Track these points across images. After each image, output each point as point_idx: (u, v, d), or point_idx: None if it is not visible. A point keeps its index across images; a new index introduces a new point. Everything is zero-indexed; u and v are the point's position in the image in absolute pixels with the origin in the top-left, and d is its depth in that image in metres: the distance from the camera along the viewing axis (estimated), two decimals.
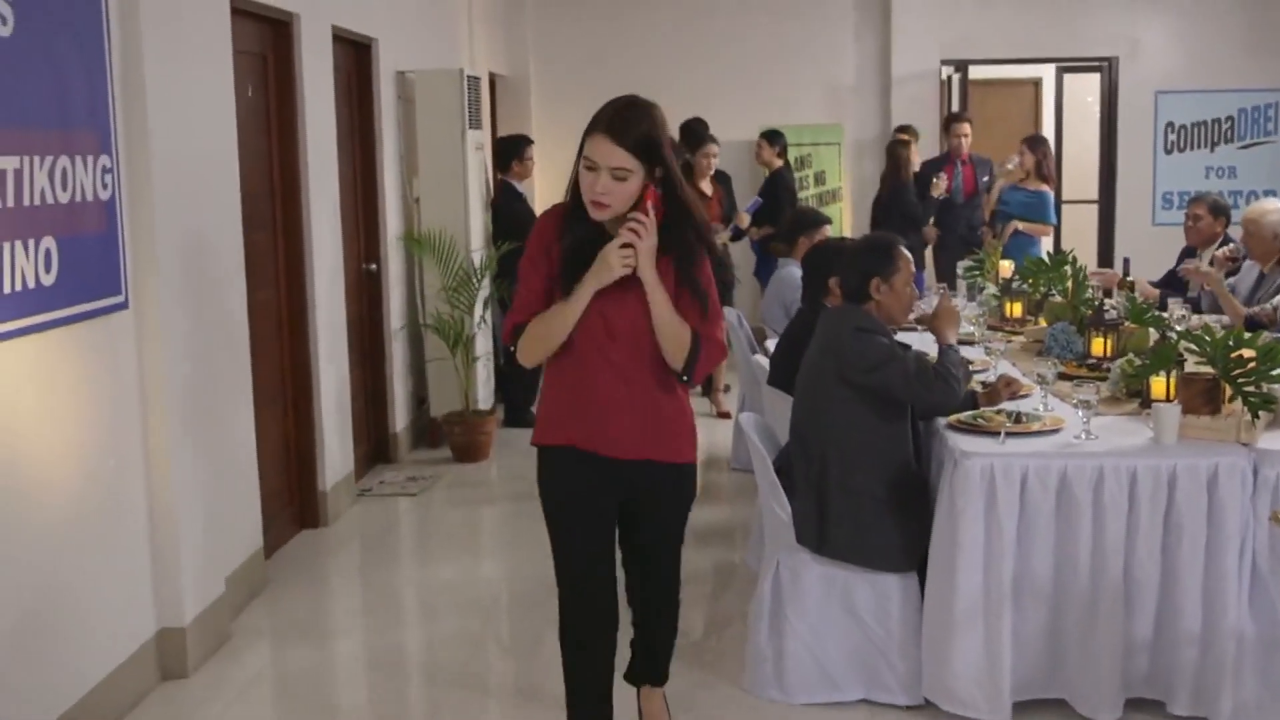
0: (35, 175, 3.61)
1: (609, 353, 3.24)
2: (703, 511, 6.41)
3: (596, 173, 3.11)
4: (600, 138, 3.10)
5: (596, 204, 3.13)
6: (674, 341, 3.22)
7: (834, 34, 11.12)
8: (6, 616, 3.55)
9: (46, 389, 3.76)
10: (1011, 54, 11.15)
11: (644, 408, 3.30)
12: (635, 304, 3.21)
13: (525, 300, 3.24)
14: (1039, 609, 3.92)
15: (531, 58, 11.22)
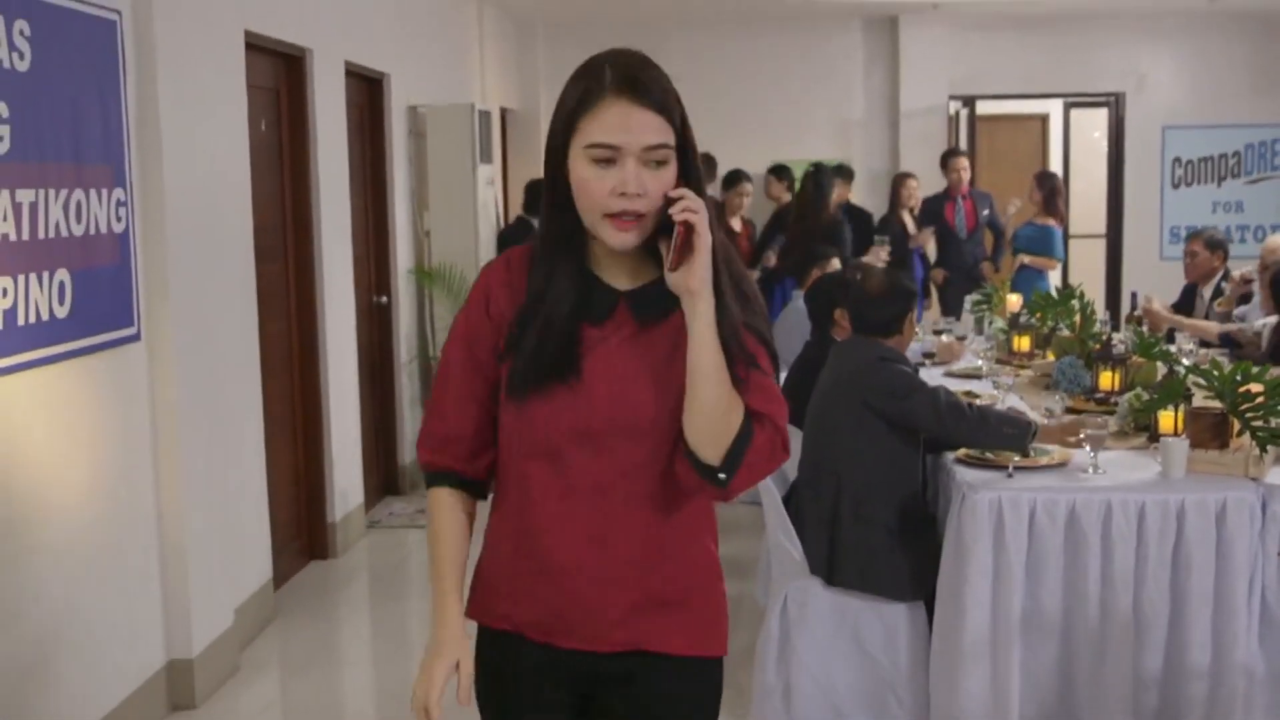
0: (50, 208, 3.64)
1: (582, 470, 2.03)
2: None
3: (617, 164, 1.91)
4: (619, 103, 1.92)
5: (624, 218, 1.93)
6: (717, 413, 1.94)
7: (843, 69, 11.18)
8: (17, 645, 3.56)
9: (59, 420, 3.79)
10: (1019, 89, 11.21)
11: (642, 560, 2.07)
12: (640, 376, 2.02)
13: (442, 410, 2.11)
14: (1047, 643, 3.91)
15: (542, 92, 11.28)
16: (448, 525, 2.12)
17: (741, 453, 1.97)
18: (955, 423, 4.01)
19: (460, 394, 2.10)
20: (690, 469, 1.99)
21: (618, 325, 2.03)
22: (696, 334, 1.94)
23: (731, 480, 1.98)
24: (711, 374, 1.94)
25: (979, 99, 11.28)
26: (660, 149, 1.94)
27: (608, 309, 2.03)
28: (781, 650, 4.18)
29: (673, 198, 1.91)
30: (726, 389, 1.95)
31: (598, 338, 2.03)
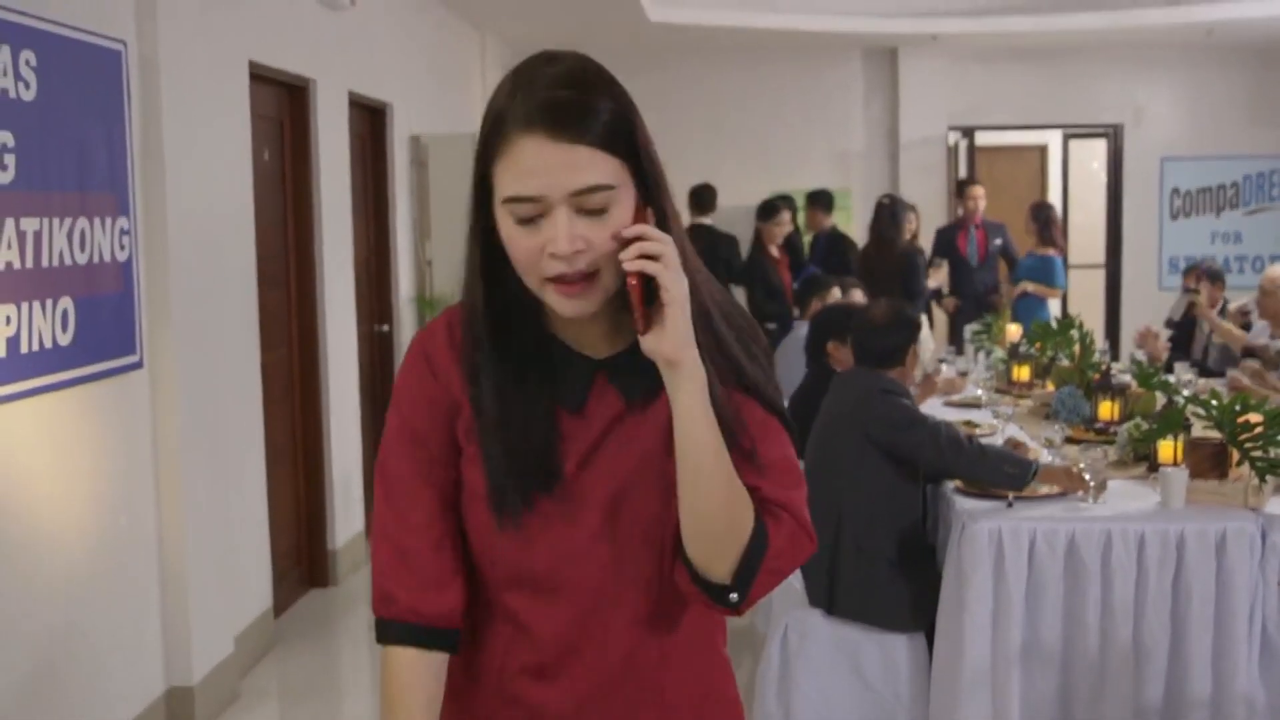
0: (54, 237, 3.66)
1: (578, 598, 1.60)
2: None
3: (545, 219, 1.46)
4: (531, 139, 1.46)
5: (566, 283, 1.48)
6: (720, 519, 1.51)
7: (842, 100, 11.23)
8: (17, 672, 3.57)
9: (61, 447, 3.80)
10: (1018, 120, 11.27)
11: (654, 689, 1.65)
12: (640, 474, 1.58)
13: (401, 543, 1.59)
14: (1047, 673, 3.91)
15: None
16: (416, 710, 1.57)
17: (756, 565, 1.52)
18: (954, 458, 4.01)
19: (418, 516, 1.59)
20: (693, 586, 1.55)
21: (601, 408, 1.57)
22: (682, 417, 1.48)
23: (746, 600, 1.54)
24: (709, 468, 1.48)
25: (978, 130, 11.33)
26: (596, 192, 1.46)
27: (584, 387, 1.57)
28: (782, 680, 4.18)
29: (626, 237, 1.46)
30: (730, 484, 1.50)
31: (580, 428, 1.57)
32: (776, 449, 1.59)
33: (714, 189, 9.27)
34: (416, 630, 1.58)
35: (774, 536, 1.54)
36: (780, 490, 1.56)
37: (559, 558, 1.57)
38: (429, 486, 1.59)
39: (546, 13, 9.30)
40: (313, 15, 5.99)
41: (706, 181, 9.35)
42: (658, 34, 9.90)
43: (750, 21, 9.80)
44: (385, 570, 1.59)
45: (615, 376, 1.58)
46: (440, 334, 1.62)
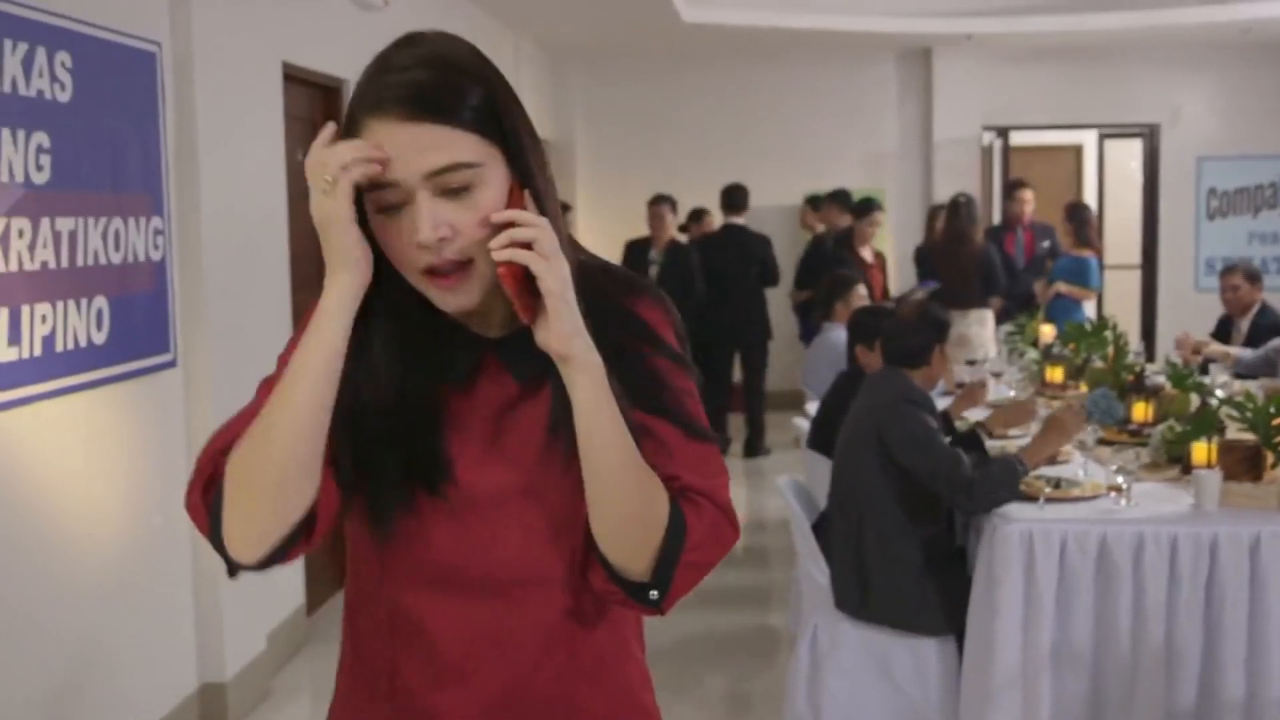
0: (89, 236, 3.70)
1: (475, 594, 1.48)
2: (743, 573, 6.43)
3: (406, 205, 1.37)
4: (382, 122, 1.37)
5: (439, 275, 1.39)
6: (631, 513, 1.41)
7: (876, 100, 11.21)
8: (51, 669, 3.60)
9: (95, 445, 3.83)
10: (1053, 120, 11.22)
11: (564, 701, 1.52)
12: (533, 455, 1.47)
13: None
14: (1079, 676, 3.89)
15: (577, 123, 11.36)
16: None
17: (675, 559, 1.42)
18: (950, 493, 3.93)
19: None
20: (614, 587, 1.44)
21: (491, 390, 1.47)
22: (583, 411, 1.38)
23: (667, 597, 1.44)
24: (615, 463, 1.39)
25: (1012, 130, 11.28)
26: (456, 170, 1.36)
27: (473, 365, 1.47)
28: (811, 681, 4.17)
29: (496, 223, 1.36)
30: (639, 478, 1.40)
31: (468, 411, 1.47)
32: (703, 421, 1.50)
33: (745, 189, 9.26)
34: None
35: (694, 528, 1.43)
36: (700, 476, 1.46)
37: (458, 552, 1.45)
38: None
39: (578, 13, 9.31)
40: (346, 16, 6.02)
41: (738, 181, 9.34)
42: (691, 35, 9.90)
43: (784, 22, 9.79)
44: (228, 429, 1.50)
45: (504, 356, 1.47)
46: None
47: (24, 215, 3.38)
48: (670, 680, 5.08)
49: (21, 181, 3.38)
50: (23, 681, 3.48)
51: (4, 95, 3.31)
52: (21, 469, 3.47)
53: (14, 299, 3.34)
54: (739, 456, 9.19)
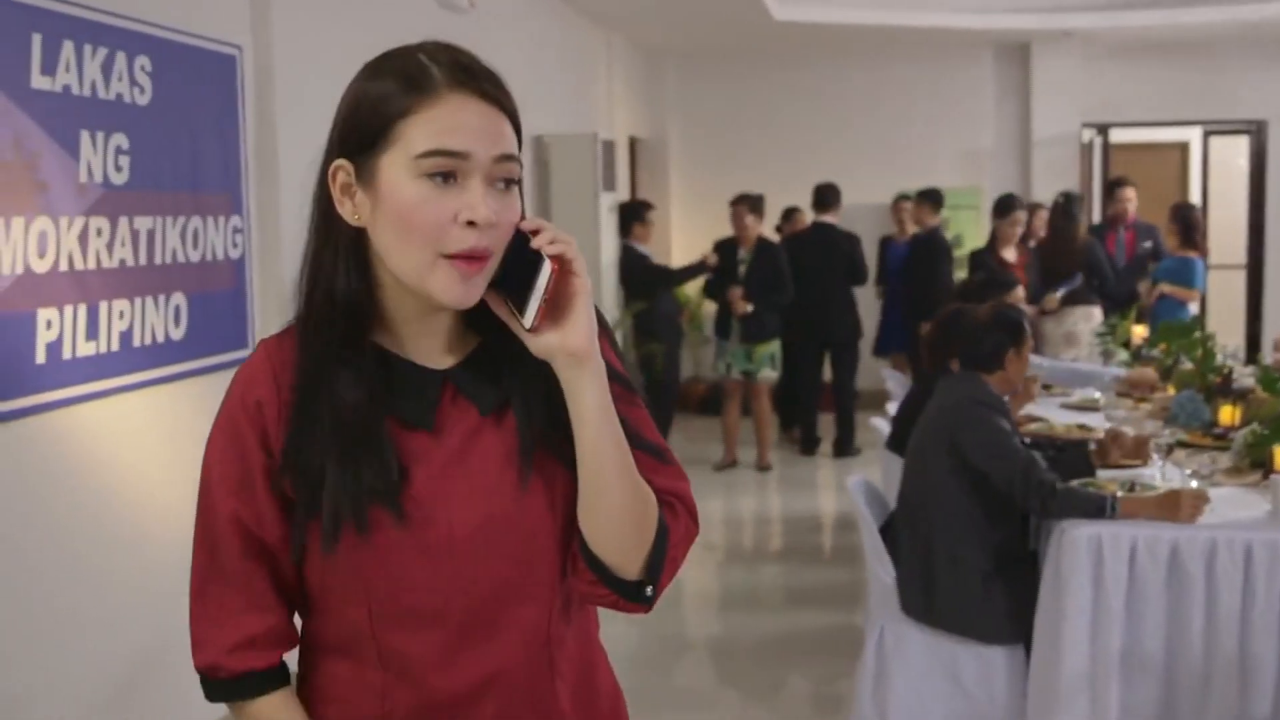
0: (168, 235, 3.81)
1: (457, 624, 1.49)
2: (831, 572, 6.41)
3: (458, 182, 1.40)
4: (459, 96, 1.41)
5: (469, 259, 1.40)
6: (633, 517, 1.47)
7: (973, 97, 11.08)
8: (122, 656, 3.71)
9: (175, 437, 3.94)
10: (1155, 117, 11.00)
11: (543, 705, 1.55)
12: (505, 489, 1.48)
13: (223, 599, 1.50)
14: (1149, 683, 3.82)
15: (671, 122, 11.40)
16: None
17: (663, 556, 1.50)
18: (1024, 497, 3.87)
19: (239, 570, 1.49)
20: (602, 588, 1.49)
21: (454, 422, 1.48)
22: (591, 417, 1.42)
23: (657, 592, 1.52)
24: (619, 466, 1.45)
25: (1113, 127, 11.07)
26: (512, 162, 1.43)
27: (433, 401, 1.47)
28: (877, 683, 4.15)
29: (527, 229, 1.44)
30: (637, 480, 1.47)
31: (432, 446, 1.46)
32: (656, 437, 1.57)
33: (837, 188, 9.21)
34: (272, 674, 1.52)
35: (673, 528, 1.52)
36: (672, 481, 1.55)
37: (442, 589, 1.46)
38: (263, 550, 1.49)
39: (671, 12, 9.34)
40: (431, 18, 6.11)
41: (830, 180, 9.30)
42: (783, 33, 9.88)
43: (878, 19, 9.73)
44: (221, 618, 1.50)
45: (463, 387, 1.48)
46: (264, 375, 1.49)
47: (102, 214, 3.49)
48: (752, 681, 5.09)
49: (100, 182, 3.49)
50: (96, 668, 3.60)
51: (83, 99, 3.42)
52: (101, 459, 3.59)
53: (92, 295, 3.45)
54: (828, 456, 9.16)
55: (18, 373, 3.19)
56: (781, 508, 8.19)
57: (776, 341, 8.74)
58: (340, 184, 1.43)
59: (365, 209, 1.42)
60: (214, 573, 1.49)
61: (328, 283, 1.45)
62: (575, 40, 8.96)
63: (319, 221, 1.48)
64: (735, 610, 6.20)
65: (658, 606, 1.54)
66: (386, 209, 1.40)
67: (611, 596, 1.50)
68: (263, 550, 1.48)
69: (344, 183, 1.43)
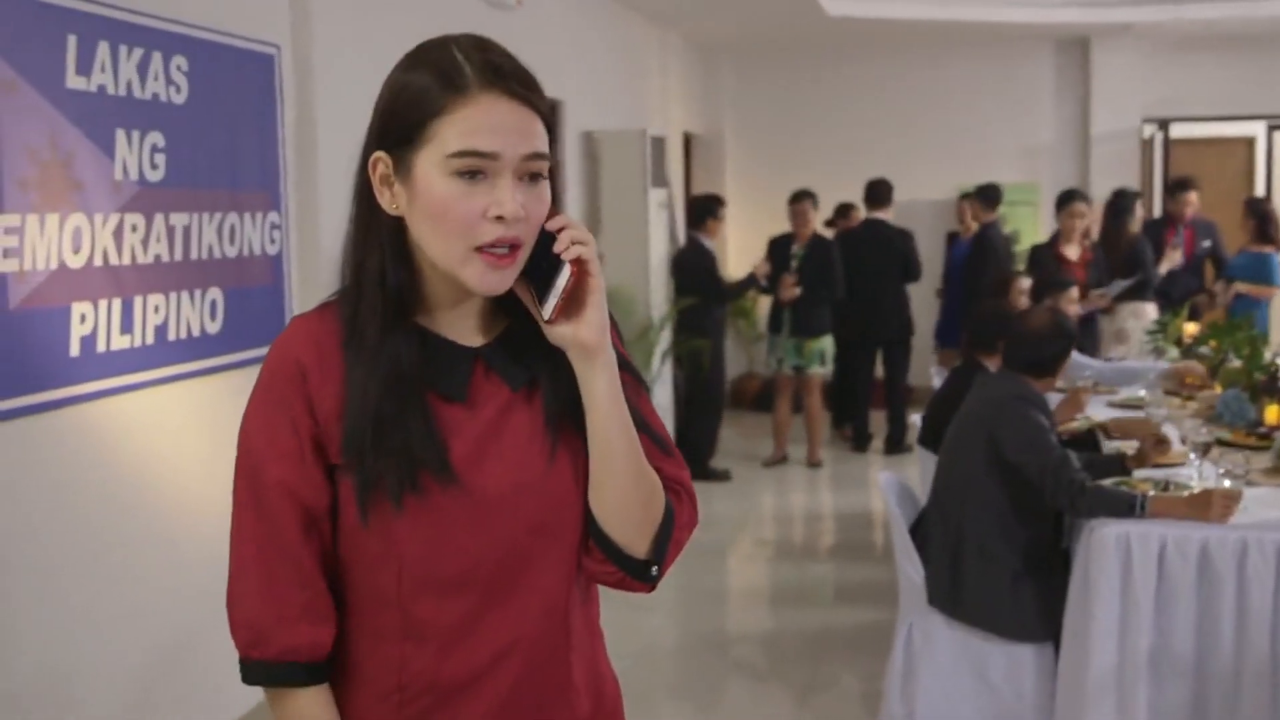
0: (204, 231, 3.89)
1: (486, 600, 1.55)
2: (872, 569, 6.40)
3: (488, 179, 1.47)
4: (489, 97, 1.46)
5: (498, 250, 1.48)
6: (640, 498, 1.57)
7: (1032, 92, 10.97)
8: (158, 644, 3.80)
9: (210, 431, 4.02)
10: (1218, 111, 10.81)
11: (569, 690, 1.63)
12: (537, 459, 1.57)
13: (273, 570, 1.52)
14: (1179, 684, 3.79)
15: (727, 117, 11.39)
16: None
17: (669, 538, 1.61)
18: (1055, 493, 3.85)
19: (298, 538, 1.52)
20: (610, 566, 1.59)
21: (486, 396, 1.56)
22: (600, 403, 1.53)
23: (661, 572, 1.62)
24: (630, 452, 1.55)
25: (1174, 122, 10.92)
26: (540, 159, 1.49)
27: (465, 375, 1.55)
28: (906, 679, 4.15)
29: (552, 229, 1.51)
30: (644, 466, 1.57)
31: (466, 419, 1.54)
32: (661, 427, 1.66)
33: (889, 183, 9.17)
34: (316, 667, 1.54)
35: (679, 510, 1.62)
36: (676, 469, 1.65)
37: (471, 555, 1.52)
38: (304, 514, 1.52)
39: (724, 8, 9.35)
40: (476, 15, 6.17)
41: (882, 176, 9.26)
42: (838, 28, 9.85)
43: (934, 14, 9.66)
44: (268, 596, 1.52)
45: (494, 364, 1.56)
46: (305, 344, 1.53)
47: (138, 211, 3.58)
48: (801, 676, 5.10)
49: (136, 179, 3.58)
50: (128, 656, 3.69)
51: (119, 98, 3.50)
52: (135, 451, 3.68)
53: (127, 290, 3.54)
54: (880, 453, 9.13)
55: (51, 365, 3.28)
56: (832, 504, 8.17)
57: (828, 338, 8.72)
58: (380, 175, 1.51)
59: (402, 200, 1.50)
60: (265, 548, 1.51)
61: (373, 267, 1.51)
62: (628, 37, 8.99)
63: (361, 208, 1.55)
64: (785, 605, 6.21)
65: (707, 601, 1.60)
66: (421, 203, 1.48)
67: (618, 574, 1.59)
68: (312, 522, 1.52)
69: (383, 174, 1.51)
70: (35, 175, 3.20)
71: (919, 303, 9.58)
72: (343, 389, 1.50)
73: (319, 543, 1.53)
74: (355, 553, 1.53)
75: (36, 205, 3.20)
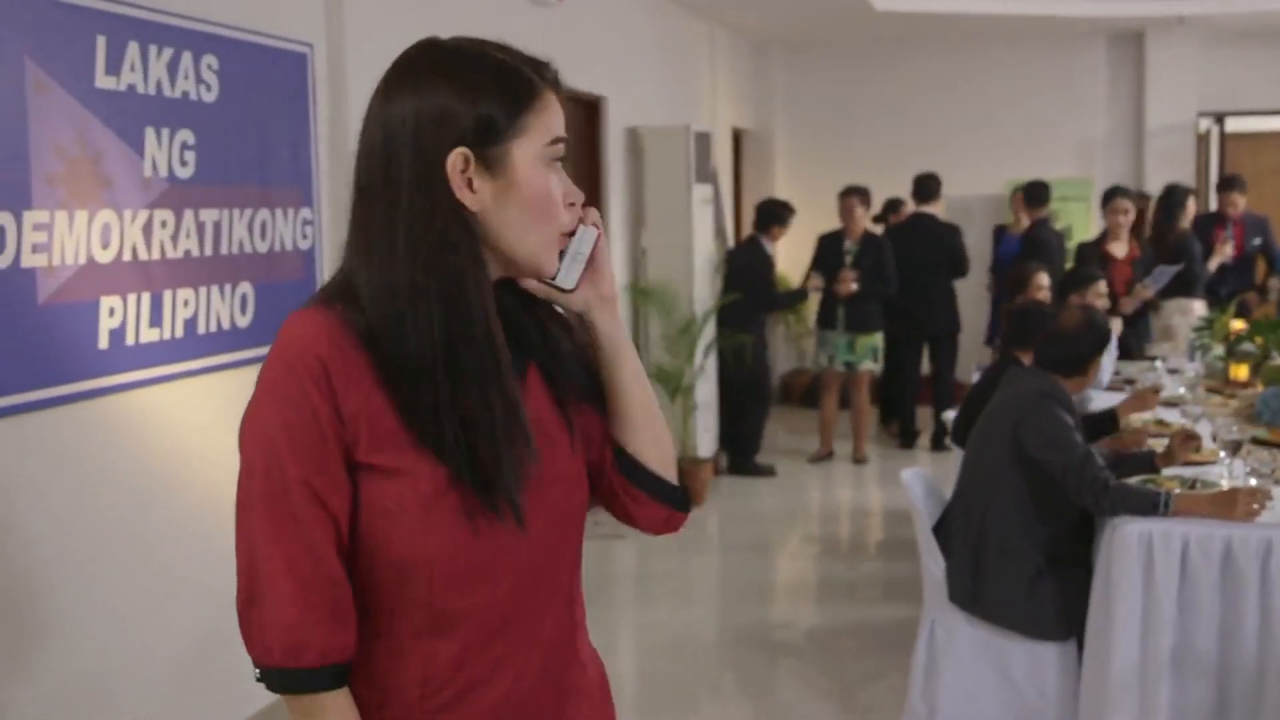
0: (234, 227, 3.96)
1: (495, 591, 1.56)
2: (904, 565, 6.38)
3: (560, 167, 1.57)
4: (556, 94, 1.57)
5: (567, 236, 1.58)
6: (667, 431, 1.70)
7: (1085, 86, 10.86)
8: (186, 634, 3.88)
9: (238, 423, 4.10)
10: (1274, 104, 10.64)
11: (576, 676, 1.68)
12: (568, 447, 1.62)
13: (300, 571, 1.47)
14: (1201, 684, 3.76)
15: (777, 113, 11.38)
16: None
17: (675, 459, 1.73)
18: (1078, 491, 3.83)
19: (324, 540, 1.48)
20: (656, 504, 1.68)
21: (534, 391, 1.61)
22: (627, 349, 1.64)
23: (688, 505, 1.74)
24: (650, 390, 1.68)
25: (1230, 115, 10.77)
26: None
27: (523, 370, 1.60)
28: (928, 676, 4.16)
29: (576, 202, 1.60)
30: (660, 416, 1.71)
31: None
32: None
33: (938, 178, 9.13)
34: (340, 669, 1.51)
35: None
36: None
37: (509, 542, 1.53)
38: (323, 511, 1.48)
39: (773, 3, 9.34)
40: (517, 12, 6.22)
41: (931, 171, 9.21)
42: (886, 22, 9.81)
43: (985, 8, 9.59)
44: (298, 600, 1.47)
45: (549, 372, 1.63)
46: (325, 340, 1.50)
47: (167, 207, 3.66)
48: (849, 671, 5.11)
49: (165, 176, 3.65)
50: (168, 640, 3.77)
51: (148, 97, 3.58)
52: (164, 442, 3.76)
53: (156, 284, 3.62)
54: (926, 449, 9.09)
55: (80, 358, 3.37)
56: (876, 501, 8.16)
57: (880, 334, 8.72)
58: (460, 171, 1.49)
59: (488, 195, 1.50)
60: (293, 550, 1.46)
61: (451, 267, 1.48)
62: (674, 32, 9.01)
63: (424, 207, 1.50)
64: (828, 601, 6.23)
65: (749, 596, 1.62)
66: (522, 194, 1.51)
67: (665, 512, 1.69)
68: (334, 521, 1.48)
69: (462, 169, 1.49)
70: (64, 172, 3.28)
71: (970, 298, 9.53)
72: (374, 387, 1.48)
73: (340, 542, 1.49)
74: (375, 553, 1.51)
75: (65, 202, 3.28)
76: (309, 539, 1.47)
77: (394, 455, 1.48)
